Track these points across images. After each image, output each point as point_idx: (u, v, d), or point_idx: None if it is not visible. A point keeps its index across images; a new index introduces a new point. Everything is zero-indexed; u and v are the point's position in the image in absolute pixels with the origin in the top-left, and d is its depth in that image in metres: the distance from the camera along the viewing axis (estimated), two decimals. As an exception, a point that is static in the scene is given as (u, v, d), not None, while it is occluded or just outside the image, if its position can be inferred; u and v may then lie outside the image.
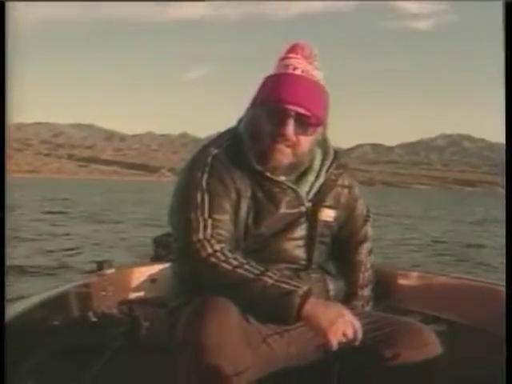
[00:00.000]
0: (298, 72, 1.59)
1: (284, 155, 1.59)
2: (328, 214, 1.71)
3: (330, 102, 1.65)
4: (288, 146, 1.58)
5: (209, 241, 1.51)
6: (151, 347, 2.08)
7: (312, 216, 1.68)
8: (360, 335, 1.47)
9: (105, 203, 30.20)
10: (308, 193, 1.68)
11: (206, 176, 1.58)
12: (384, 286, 2.38)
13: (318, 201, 1.69)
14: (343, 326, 1.45)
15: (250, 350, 1.46)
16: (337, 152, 1.75)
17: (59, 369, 1.90)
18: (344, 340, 1.45)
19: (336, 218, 1.74)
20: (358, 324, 1.47)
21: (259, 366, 1.50)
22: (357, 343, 1.47)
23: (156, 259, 2.90)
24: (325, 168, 1.71)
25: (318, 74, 1.63)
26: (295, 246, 1.66)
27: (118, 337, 2.21)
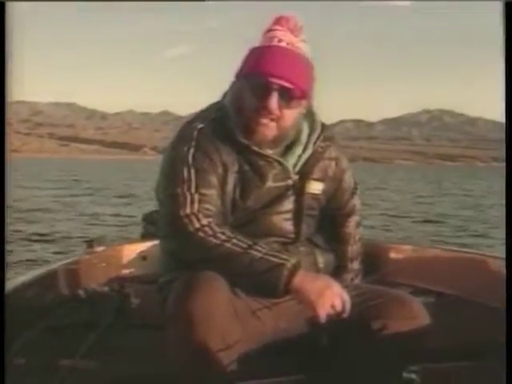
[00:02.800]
0: (282, 44, 1.56)
1: (268, 129, 1.57)
2: (315, 187, 1.70)
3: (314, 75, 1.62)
4: (272, 120, 1.56)
5: (196, 215, 1.50)
6: (142, 324, 2.08)
7: (299, 189, 1.67)
8: (348, 307, 1.47)
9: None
10: (295, 166, 1.67)
11: (192, 151, 1.56)
12: (374, 259, 2.40)
13: (305, 173, 1.68)
14: (331, 298, 1.45)
15: (239, 324, 1.46)
16: (324, 125, 1.73)
17: (50, 346, 1.90)
18: (332, 312, 1.45)
19: (323, 191, 1.73)
20: (346, 296, 1.48)
21: (248, 339, 1.51)
22: (345, 315, 1.47)
23: (146, 236, 2.91)
24: (312, 141, 1.69)
25: (303, 47, 1.59)
26: (283, 219, 1.66)
27: (108, 314, 2.21)
